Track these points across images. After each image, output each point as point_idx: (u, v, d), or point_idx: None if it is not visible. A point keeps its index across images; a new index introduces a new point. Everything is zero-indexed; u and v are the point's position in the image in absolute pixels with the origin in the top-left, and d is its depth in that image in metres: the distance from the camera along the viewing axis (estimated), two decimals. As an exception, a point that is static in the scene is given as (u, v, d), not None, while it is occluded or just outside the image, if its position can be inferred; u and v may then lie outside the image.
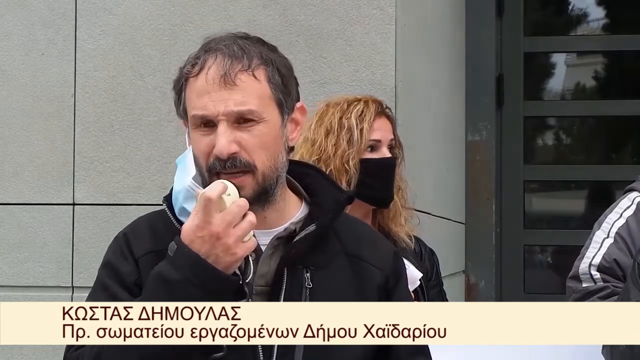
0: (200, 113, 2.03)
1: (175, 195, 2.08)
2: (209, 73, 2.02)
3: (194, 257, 1.93)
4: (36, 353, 3.92)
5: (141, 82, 3.93)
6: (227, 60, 2.02)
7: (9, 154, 3.99)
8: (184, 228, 1.96)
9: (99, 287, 2.08)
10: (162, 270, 1.95)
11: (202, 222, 1.93)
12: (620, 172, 5.00)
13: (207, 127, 2.03)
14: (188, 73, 2.05)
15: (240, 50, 2.04)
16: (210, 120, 2.02)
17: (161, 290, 1.94)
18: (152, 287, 1.96)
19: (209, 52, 2.05)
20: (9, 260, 3.96)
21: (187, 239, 1.95)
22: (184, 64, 2.08)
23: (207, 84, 2.02)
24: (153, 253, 2.05)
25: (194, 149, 2.07)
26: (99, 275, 2.11)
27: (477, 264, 4.94)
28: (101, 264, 2.12)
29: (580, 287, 3.09)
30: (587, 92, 5.55)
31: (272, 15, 3.85)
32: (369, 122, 3.04)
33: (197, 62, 2.05)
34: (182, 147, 3.80)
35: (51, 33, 3.99)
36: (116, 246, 2.11)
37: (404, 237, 3.14)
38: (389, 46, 3.79)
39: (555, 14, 5.62)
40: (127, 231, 2.12)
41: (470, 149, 4.94)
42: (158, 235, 2.08)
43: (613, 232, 3.09)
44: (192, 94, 2.05)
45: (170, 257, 1.96)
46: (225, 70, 2.01)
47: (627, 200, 3.16)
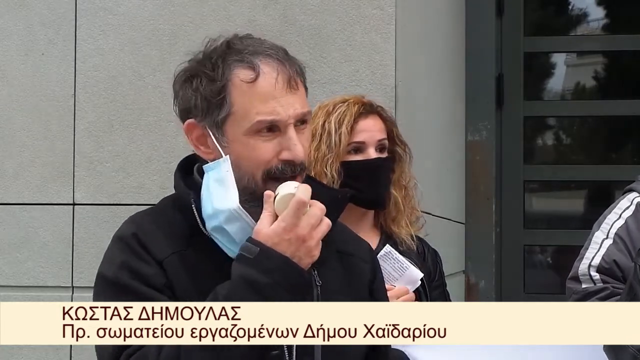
0: (270, 118, 2.01)
1: (213, 212, 2.02)
2: (275, 78, 2.02)
3: (282, 260, 1.95)
4: (36, 353, 3.92)
5: (141, 82, 3.93)
6: (286, 65, 2.04)
7: (9, 154, 3.99)
8: (263, 230, 1.96)
9: (120, 290, 2.00)
10: (247, 274, 1.93)
11: (290, 224, 1.95)
12: (620, 172, 5.00)
13: (271, 132, 2.02)
14: (244, 78, 2.02)
15: (285, 54, 2.07)
16: (276, 125, 2.02)
17: (250, 294, 1.92)
18: (238, 292, 1.93)
19: (258, 56, 2.04)
20: (9, 260, 3.96)
21: (270, 241, 1.95)
22: (226, 69, 2.03)
23: (273, 89, 2.02)
24: (176, 254, 2.02)
25: (250, 155, 2.02)
26: (116, 277, 2.01)
27: (477, 264, 4.94)
28: (111, 266, 2.03)
29: (580, 288, 3.09)
30: (587, 92, 5.55)
31: (272, 15, 3.85)
32: (348, 125, 3.01)
33: (252, 67, 2.02)
34: (182, 147, 3.81)
35: (51, 33, 3.99)
36: (126, 247, 2.03)
37: (404, 238, 3.13)
38: (389, 46, 3.79)
39: (555, 14, 5.62)
40: (135, 231, 2.05)
41: (470, 149, 4.94)
42: (174, 235, 2.05)
43: (612, 233, 3.09)
44: (254, 99, 2.01)
45: (252, 260, 1.94)
46: (289, 75, 2.03)
47: (626, 201, 3.16)
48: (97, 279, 2.06)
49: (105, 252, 2.10)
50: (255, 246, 1.95)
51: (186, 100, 2.08)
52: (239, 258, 1.96)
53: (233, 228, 2.01)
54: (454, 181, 4.81)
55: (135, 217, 2.13)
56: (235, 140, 2.03)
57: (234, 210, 2.00)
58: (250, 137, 2.02)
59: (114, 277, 2.01)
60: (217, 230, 2.02)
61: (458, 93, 4.88)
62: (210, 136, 2.05)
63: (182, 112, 2.10)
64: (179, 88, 2.11)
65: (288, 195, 1.98)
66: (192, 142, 2.09)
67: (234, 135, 2.03)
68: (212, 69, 2.04)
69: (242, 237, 2.00)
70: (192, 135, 2.08)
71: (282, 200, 1.98)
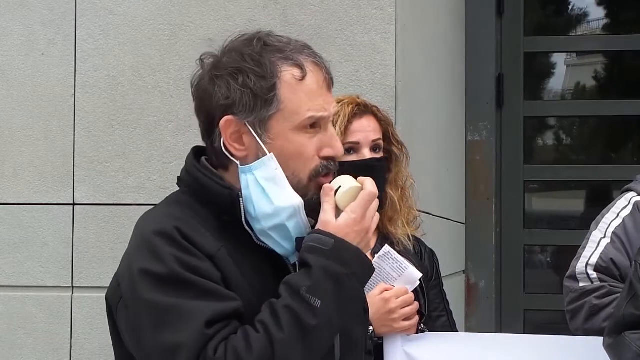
0: (319, 114, 2.06)
1: (274, 211, 2.03)
2: (319, 77, 2.08)
3: (357, 252, 2.01)
4: (36, 353, 3.93)
5: (141, 82, 3.93)
6: (324, 65, 2.11)
7: (9, 154, 3.99)
8: (332, 222, 2.01)
9: (180, 285, 1.95)
10: (326, 265, 1.97)
11: (359, 216, 2.02)
12: (620, 172, 5.01)
13: (312, 129, 2.06)
14: (294, 76, 2.05)
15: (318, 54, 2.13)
16: (319, 122, 2.07)
17: (331, 285, 1.96)
18: (321, 283, 1.95)
19: (301, 55, 2.08)
20: (9, 260, 3.96)
21: (341, 233, 2.00)
22: (273, 67, 2.05)
23: (319, 87, 2.08)
24: (223, 248, 2.02)
25: (296, 151, 2.05)
26: (172, 272, 1.95)
27: (477, 264, 4.94)
28: (159, 261, 1.97)
29: (577, 287, 3.10)
30: (587, 92, 5.55)
31: (272, 15, 3.85)
32: (342, 126, 3.00)
33: (299, 65, 2.06)
34: (182, 147, 3.82)
35: (51, 33, 3.99)
36: (171, 241, 1.98)
37: (401, 238, 3.12)
38: (389, 46, 3.79)
39: (555, 14, 5.62)
40: (177, 225, 2.01)
41: (470, 149, 4.95)
42: (212, 229, 2.04)
43: (610, 232, 3.10)
44: (302, 96, 2.05)
45: (329, 251, 1.97)
46: (327, 74, 2.11)
47: (624, 201, 3.16)
48: (142, 276, 1.98)
49: (135, 250, 2.04)
50: (329, 238, 1.99)
51: (229, 96, 2.06)
52: (312, 250, 1.99)
53: (291, 224, 2.04)
54: (454, 181, 4.82)
55: (159, 211, 2.11)
56: (281, 136, 2.05)
57: (297, 207, 2.03)
58: (297, 133, 2.05)
59: (169, 272, 1.96)
60: (276, 228, 2.04)
61: (458, 93, 4.88)
62: (251, 133, 2.05)
63: (220, 107, 2.07)
64: (212, 84, 2.08)
65: (354, 188, 2.04)
66: (225, 139, 2.07)
67: (279, 132, 2.05)
68: (258, 66, 2.05)
69: (297, 233, 2.04)
70: (227, 131, 2.07)
71: (347, 193, 2.04)
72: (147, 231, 2.03)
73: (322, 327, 1.95)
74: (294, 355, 1.92)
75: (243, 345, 1.90)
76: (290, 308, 1.93)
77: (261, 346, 1.90)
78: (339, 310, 1.97)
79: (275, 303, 1.95)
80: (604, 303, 3.01)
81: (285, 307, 1.93)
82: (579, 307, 3.08)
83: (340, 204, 2.03)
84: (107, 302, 2.13)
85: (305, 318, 1.92)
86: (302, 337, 1.92)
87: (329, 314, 1.95)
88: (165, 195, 3.79)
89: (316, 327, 1.93)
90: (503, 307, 5.02)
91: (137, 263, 2.00)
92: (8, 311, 3.94)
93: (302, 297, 1.94)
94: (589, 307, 3.04)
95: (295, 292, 1.94)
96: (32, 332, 3.92)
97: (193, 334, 1.91)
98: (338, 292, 1.96)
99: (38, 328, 3.92)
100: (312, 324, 1.93)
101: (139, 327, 1.98)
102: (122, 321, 2.05)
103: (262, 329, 1.92)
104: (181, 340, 1.91)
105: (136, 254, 2.03)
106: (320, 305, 1.94)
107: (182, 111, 3.86)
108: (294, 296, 1.94)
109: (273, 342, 1.91)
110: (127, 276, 2.03)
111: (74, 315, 3.90)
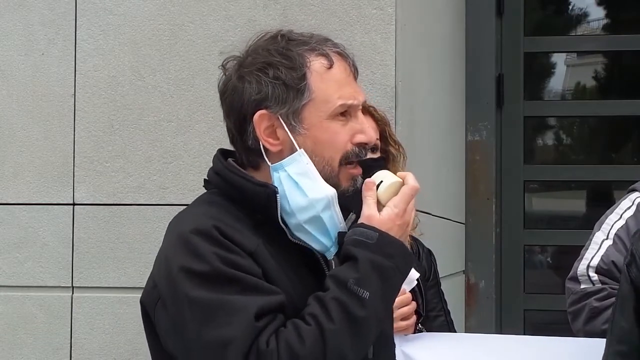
0: (350, 102, 2.10)
1: (308, 203, 2.05)
2: (345, 66, 2.11)
3: (400, 245, 2.04)
4: (36, 353, 3.93)
5: (141, 82, 3.93)
6: (348, 55, 2.14)
7: (9, 154, 3.99)
8: (376, 216, 2.04)
9: (225, 281, 1.95)
10: (373, 258, 2.00)
11: (401, 210, 2.06)
12: (620, 172, 5.01)
13: (343, 116, 2.10)
14: (322, 65, 2.09)
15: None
16: (349, 109, 2.10)
17: (377, 277, 1.99)
18: (368, 276, 1.98)
19: (326, 46, 2.11)
20: (9, 260, 3.96)
21: (385, 227, 2.03)
22: (300, 58, 2.08)
23: (346, 75, 2.11)
24: (261, 244, 2.03)
25: (331, 139, 2.08)
26: (216, 269, 1.96)
27: (477, 264, 4.94)
28: (201, 259, 1.97)
29: (578, 289, 3.09)
30: (587, 92, 5.55)
31: (272, 15, 3.85)
32: None
33: (325, 55, 2.09)
34: (182, 147, 3.82)
35: (51, 33, 3.99)
36: (211, 239, 1.99)
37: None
38: (389, 46, 3.79)
39: (555, 14, 5.62)
40: (215, 223, 2.01)
41: (470, 149, 4.95)
42: (247, 227, 2.05)
43: (612, 234, 3.09)
44: (332, 84, 2.08)
45: (374, 245, 2.01)
46: (355, 64, 2.15)
47: (628, 201, 3.16)
48: (183, 274, 1.97)
49: (173, 249, 2.03)
50: (374, 232, 2.02)
51: (260, 90, 2.08)
52: (357, 243, 2.01)
53: (326, 216, 2.06)
54: (454, 181, 4.82)
55: (201, 210, 2.09)
56: (315, 125, 2.08)
57: (331, 198, 2.06)
58: (330, 121, 2.08)
59: (212, 269, 1.96)
60: (311, 221, 2.06)
61: (458, 93, 4.88)
62: (283, 127, 2.07)
63: (251, 103, 2.08)
64: (241, 82, 2.09)
65: (395, 183, 2.08)
66: (260, 134, 2.08)
67: (313, 121, 2.08)
68: (287, 58, 2.08)
69: (331, 225, 2.07)
70: (260, 126, 2.08)
71: (389, 188, 2.07)
72: (184, 231, 2.02)
73: (369, 319, 1.98)
74: (345, 347, 1.95)
75: (295, 337, 1.93)
76: (339, 300, 1.96)
77: (313, 338, 1.93)
78: (383, 302, 2.01)
79: (323, 296, 1.98)
80: (604, 305, 3.00)
81: (333, 299, 1.96)
82: (579, 308, 3.08)
83: (382, 198, 2.07)
84: (142, 305, 2.11)
85: (354, 310, 1.95)
86: (352, 329, 1.95)
87: (375, 306, 1.99)
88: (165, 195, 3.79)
89: (364, 318, 1.97)
90: (503, 307, 5.02)
91: (176, 262, 2.00)
92: (8, 311, 3.94)
93: (350, 290, 1.97)
94: (590, 309, 3.04)
95: (343, 285, 1.97)
96: (32, 332, 3.92)
97: (243, 327, 1.92)
98: (383, 284, 2.00)
99: (38, 328, 3.92)
100: (361, 316, 1.96)
101: (183, 324, 1.97)
102: (162, 321, 2.04)
103: (313, 321, 1.95)
104: (231, 335, 1.92)
105: (175, 253, 2.02)
106: (368, 297, 1.97)
107: (182, 111, 3.86)
108: (342, 288, 1.97)
109: (324, 334, 1.93)
110: (165, 276, 2.02)
111: (74, 315, 3.90)
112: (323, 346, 1.93)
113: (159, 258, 2.08)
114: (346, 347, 1.95)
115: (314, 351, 1.92)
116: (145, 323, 2.11)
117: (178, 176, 3.81)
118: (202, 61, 3.86)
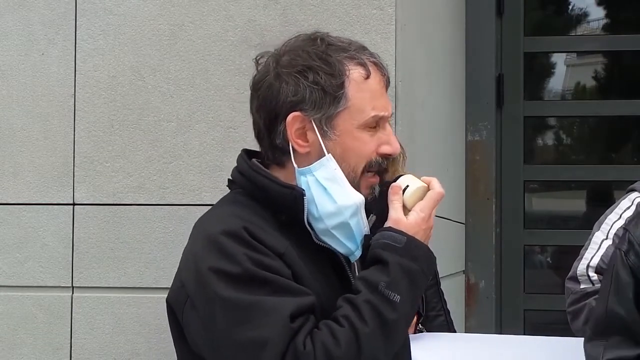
0: (382, 114, 2.12)
1: (337, 209, 2.07)
2: (380, 77, 2.13)
3: (426, 249, 2.08)
4: (36, 353, 3.92)
5: (141, 82, 3.92)
6: (383, 65, 2.16)
7: (9, 154, 3.99)
8: (403, 220, 2.07)
9: (258, 283, 1.96)
10: (402, 262, 2.02)
11: (427, 215, 2.10)
12: (620, 172, 5.01)
13: (373, 127, 2.12)
14: (360, 74, 2.11)
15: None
16: (380, 120, 2.12)
17: (405, 281, 2.02)
18: (398, 279, 2.01)
19: (364, 55, 2.13)
20: (9, 260, 3.96)
21: (412, 231, 2.07)
22: (340, 65, 2.09)
23: (380, 87, 2.13)
24: (289, 246, 2.04)
25: (359, 147, 2.10)
26: (248, 271, 1.97)
27: (477, 264, 4.95)
28: (233, 261, 1.98)
29: (578, 289, 3.09)
30: (587, 92, 5.55)
31: (272, 15, 3.85)
32: None
33: (364, 65, 2.11)
34: (182, 147, 3.82)
35: (51, 33, 3.99)
36: (242, 241, 2.00)
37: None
38: (389, 46, 3.79)
39: (555, 14, 5.63)
40: (245, 225, 2.02)
41: (470, 149, 4.95)
42: (274, 228, 2.06)
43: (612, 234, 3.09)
44: (367, 95, 2.10)
45: (402, 248, 2.03)
46: (388, 75, 2.16)
47: (628, 201, 3.16)
48: (214, 275, 1.98)
49: (201, 250, 2.04)
50: (401, 235, 2.05)
51: (297, 92, 2.09)
52: (386, 247, 2.04)
53: (353, 222, 2.08)
54: (454, 181, 4.82)
55: (228, 210, 2.10)
56: (346, 133, 2.09)
57: (359, 205, 2.08)
58: (361, 130, 2.10)
59: (243, 271, 1.97)
60: (339, 227, 2.08)
61: (458, 93, 4.88)
62: (314, 130, 2.09)
63: (287, 104, 2.09)
64: (278, 81, 2.10)
65: (421, 188, 2.12)
66: (290, 135, 2.09)
67: (345, 128, 2.09)
68: (327, 64, 2.09)
69: (357, 231, 2.09)
70: (292, 127, 2.09)
71: (415, 193, 2.11)
72: (213, 232, 2.03)
73: (400, 322, 2.01)
74: (378, 349, 1.97)
75: (330, 339, 1.94)
76: (371, 303, 1.98)
77: (348, 340, 1.95)
78: (412, 305, 2.04)
79: (354, 298, 1.99)
80: (603, 305, 3.00)
81: (366, 301, 1.98)
82: (579, 308, 3.08)
83: (408, 202, 2.11)
84: (169, 304, 2.11)
85: (385, 313, 1.98)
86: (384, 332, 1.98)
87: (405, 309, 2.01)
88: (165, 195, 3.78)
89: (395, 321, 1.99)
90: (503, 307, 5.02)
91: (205, 263, 2.00)
92: (8, 311, 3.94)
93: (381, 293, 1.99)
94: (589, 309, 3.04)
95: (374, 288, 2.00)
96: (32, 332, 3.92)
97: (278, 328, 1.93)
98: (411, 287, 2.02)
99: (38, 328, 3.92)
100: (392, 318, 1.98)
101: (213, 325, 1.98)
102: (190, 321, 2.04)
103: (347, 323, 1.96)
104: (266, 336, 1.93)
105: (204, 254, 2.02)
106: (399, 300, 1.99)
107: (182, 111, 3.86)
108: (373, 291, 1.99)
109: (359, 336, 1.95)
110: (194, 276, 2.02)
111: (74, 315, 3.90)
112: (358, 348, 1.95)
113: (186, 258, 2.09)
114: (380, 349, 1.97)
115: (348, 353, 1.94)
116: (171, 323, 2.11)
117: (178, 176, 3.81)
118: (202, 61, 3.86)
